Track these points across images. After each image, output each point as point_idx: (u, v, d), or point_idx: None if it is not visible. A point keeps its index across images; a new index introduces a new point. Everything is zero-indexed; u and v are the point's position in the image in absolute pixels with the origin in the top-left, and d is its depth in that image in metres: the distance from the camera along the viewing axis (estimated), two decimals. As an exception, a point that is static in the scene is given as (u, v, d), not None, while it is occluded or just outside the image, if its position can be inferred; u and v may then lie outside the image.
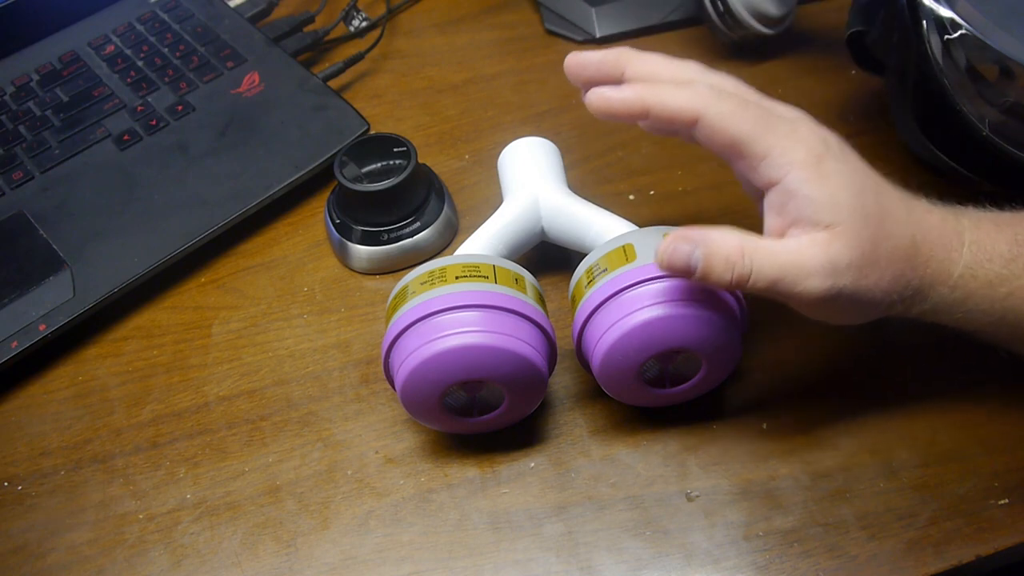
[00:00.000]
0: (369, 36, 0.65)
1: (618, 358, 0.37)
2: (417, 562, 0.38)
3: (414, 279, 0.39)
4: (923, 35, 0.44)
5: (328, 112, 0.54)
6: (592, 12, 0.61)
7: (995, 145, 0.43)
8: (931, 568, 0.36)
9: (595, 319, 0.37)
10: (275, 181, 0.51)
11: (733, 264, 0.33)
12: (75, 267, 0.48)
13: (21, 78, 0.58)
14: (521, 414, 0.40)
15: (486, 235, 0.44)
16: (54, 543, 0.40)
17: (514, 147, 0.48)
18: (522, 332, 0.37)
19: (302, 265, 0.50)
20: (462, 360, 0.36)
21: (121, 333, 0.48)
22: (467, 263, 0.38)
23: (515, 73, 0.61)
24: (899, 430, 0.40)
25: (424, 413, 0.39)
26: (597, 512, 0.39)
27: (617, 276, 0.37)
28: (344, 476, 0.41)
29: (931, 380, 0.42)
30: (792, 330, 0.44)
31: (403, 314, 0.37)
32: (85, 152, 0.53)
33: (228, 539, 0.39)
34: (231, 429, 0.43)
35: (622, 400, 0.40)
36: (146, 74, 0.58)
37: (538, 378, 0.38)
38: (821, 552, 0.37)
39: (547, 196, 0.45)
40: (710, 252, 0.33)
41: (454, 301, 0.36)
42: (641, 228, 0.40)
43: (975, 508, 0.37)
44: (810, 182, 0.33)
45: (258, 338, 0.47)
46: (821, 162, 0.33)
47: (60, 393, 0.46)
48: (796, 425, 0.41)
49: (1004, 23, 0.42)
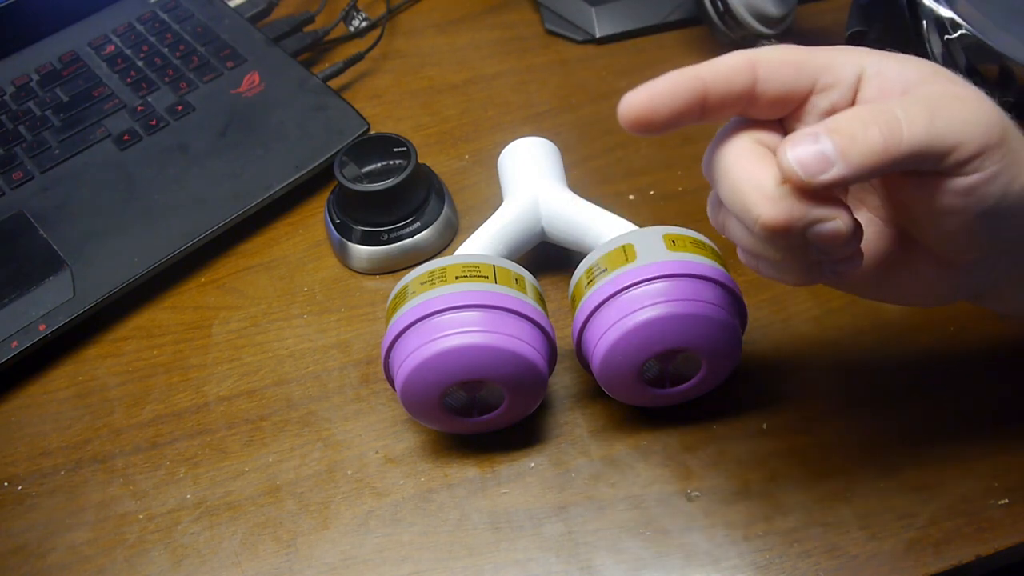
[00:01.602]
0: (369, 36, 0.65)
1: (618, 358, 0.37)
2: (417, 562, 0.38)
3: (414, 279, 0.39)
4: (923, 35, 0.44)
5: (328, 112, 0.54)
6: (592, 12, 0.62)
7: (995, 145, 0.43)
8: (931, 568, 0.36)
9: (595, 319, 0.37)
10: (275, 181, 0.51)
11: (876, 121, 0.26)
12: (75, 267, 0.48)
13: (21, 78, 0.58)
14: (521, 414, 0.40)
15: (486, 235, 0.44)
16: (54, 543, 0.40)
17: (514, 147, 0.48)
18: (522, 332, 0.37)
19: (302, 265, 0.51)
20: (462, 360, 0.36)
21: (121, 333, 0.48)
22: (467, 263, 0.38)
23: (515, 73, 0.61)
24: (899, 430, 0.40)
25: (424, 413, 0.39)
26: (597, 512, 0.39)
27: (617, 276, 0.37)
28: (344, 476, 0.41)
29: (931, 380, 0.42)
30: (792, 330, 0.44)
31: (403, 314, 0.37)
32: (85, 152, 0.53)
33: (228, 539, 0.39)
34: (231, 429, 0.43)
35: (622, 400, 0.40)
36: (146, 74, 0.58)
37: (538, 378, 0.38)
38: (821, 552, 0.37)
39: (547, 196, 0.45)
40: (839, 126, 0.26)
41: (454, 301, 0.36)
42: (641, 228, 0.40)
43: (975, 508, 0.37)
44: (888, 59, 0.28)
45: (258, 338, 0.47)
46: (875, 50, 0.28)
47: (60, 393, 0.46)
48: (796, 425, 0.41)
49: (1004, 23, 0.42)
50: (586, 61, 0.61)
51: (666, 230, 0.39)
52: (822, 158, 0.26)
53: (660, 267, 0.36)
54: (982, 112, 0.26)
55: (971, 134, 0.26)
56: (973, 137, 0.26)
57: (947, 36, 0.43)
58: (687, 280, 0.36)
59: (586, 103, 0.58)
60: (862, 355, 0.43)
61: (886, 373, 0.42)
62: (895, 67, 0.28)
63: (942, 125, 0.26)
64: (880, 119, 0.26)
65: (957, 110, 0.26)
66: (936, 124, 0.26)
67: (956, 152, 0.26)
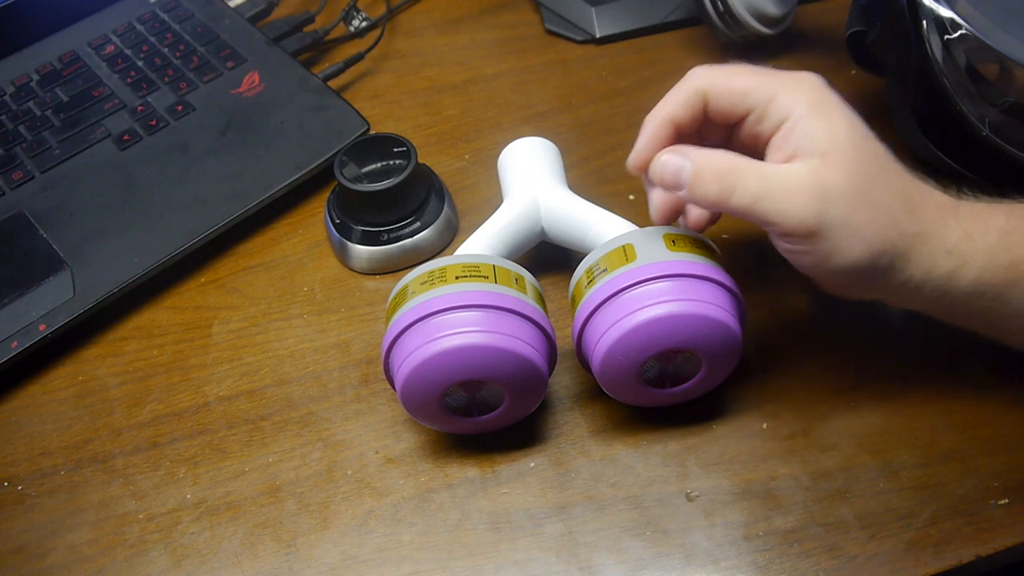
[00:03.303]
0: (369, 36, 0.65)
1: (618, 358, 0.37)
2: (417, 562, 0.38)
3: (414, 279, 0.39)
4: (923, 35, 0.44)
5: (328, 112, 0.54)
6: (592, 12, 0.62)
7: (995, 145, 0.43)
8: (931, 568, 0.36)
9: (595, 319, 0.37)
10: (275, 181, 0.51)
11: (722, 178, 0.33)
12: (75, 267, 0.48)
13: (21, 78, 0.58)
14: (521, 414, 0.40)
15: (486, 235, 0.44)
16: (54, 543, 0.40)
17: (514, 147, 0.48)
18: (522, 332, 0.37)
19: (302, 265, 0.50)
20: (462, 360, 0.36)
21: (121, 333, 0.48)
22: (467, 263, 0.38)
23: (515, 73, 0.61)
24: (899, 430, 0.40)
25: (424, 413, 0.39)
26: (597, 512, 0.39)
27: (617, 276, 0.37)
28: (344, 476, 0.41)
29: (931, 380, 0.42)
30: (792, 330, 0.44)
31: (403, 314, 0.37)
32: (85, 152, 0.53)
33: (228, 539, 0.39)
34: (231, 429, 0.43)
35: (622, 400, 0.40)
36: (146, 74, 0.58)
37: (538, 378, 0.38)
38: (821, 552, 0.37)
39: (547, 196, 0.45)
40: (700, 167, 0.34)
41: (454, 301, 0.36)
42: (641, 228, 0.40)
43: (975, 508, 0.37)
44: (811, 115, 0.34)
45: (258, 338, 0.47)
46: (825, 99, 0.34)
47: (60, 393, 0.46)
48: (796, 425, 0.41)
49: (1004, 23, 0.42)
50: (586, 61, 0.61)
51: (666, 230, 0.39)
52: (677, 176, 0.35)
53: (660, 267, 0.36)
54: (802, 207, 0.33)
55: (784, 220, 0.33)
56: (784, 222, 0.33)
57: (947, 36, 0.43)
58: (687, 280, 0.36)
59: (586, 103, 0.58)
60: (862, 355, 0.43)
61: (886, 373, 0.42)
62: (814, 127, 0.34)
63: (762, 206, 0.33)
64: (724, 179, 0.34)
65: (783, 200, 0.33)
66: (758, 204, 0.33)
67: (772, 227, 0.34)
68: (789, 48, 0.59)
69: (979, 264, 0.34)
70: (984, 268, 0.34)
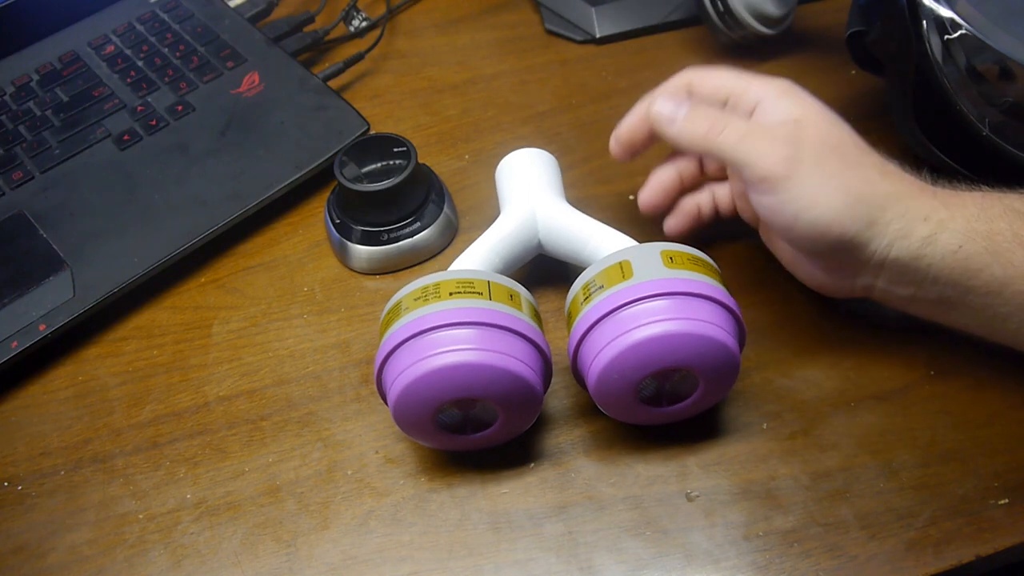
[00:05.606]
0: (369, 36, 0.65)
1: (615, 377, 0.36)
2: (417, 562, 0.38)
3: (407, 295, 0.38)
4: (923, 35, 0.44)
5: (328, 112, 0.54)
6: (592, 12, 0.62)
7: (995, 145, 0.43)
8: (931, 568, 0.36)
9: (591, 337, 0.37)
10: (275, 181, 0.51)
11: (712, 118, 0.38)
12: (75, 267, 0.48)
13: (21, 78, 0.58)
14: (516, 431, 0.40)
15: (482, 248, 0.43)
16: (54, 543, 0.40)
17: (512, 158, 0.48)
18: (516, 350, 0.36)
19: (302, 265, 0.51)
20: (455, 378, 0.35)
21: (121, 333, 0.48)
22: (461, 279, 0.38)
23: (515, 73, 0.61)
24: (899, 430, 0.40)
25: (417, 430, 0.38)
26: (597, 512, 0.39)
27: (614, 293, 0.36)
28: (344, 476, 0.41)
29: (931, 380, 0.42)
30: (792, 330, 0.44)
31: (396, 330, 0.37)
32: (85, 152, 0.53)
33: (228, 539, 0.39)
34: (231, 429, 0.43)
35: (618, 418, 0.40)
36: (146, 74, 0.58)
37: (532, 396, 0.37)
38: (821, 552, 0.37)
39: (544, 209, 0.45)
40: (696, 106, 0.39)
41: (448, 318, 0.36)
42: (639, 244, 0.40)
43: (975, 508, 0.37)
44: (782, 97, 0.38)
45: (258, 338, 0.47)
46: (795, 89, 0.39)
47: (60, 393, 0.46)
48: (796, 425, 0.41)
49: (1004, 23, 0.42)
50: (586, 61, 0.61)
51: (664, 246, 0.38)
52: (674, 111, 0.40)
53: (657, 285, 0.36)
54: (779, 147, 0.36)
55: (760, 160, 0.36)
56: (760, 162, 0.36)
57: (947, 36, 0.43)
58: (685, 298, 0.36)
59: (586, 103, 0.58)
60: (862, 355, 0.43)
61: (886, 373, 0.42)
62: (785, 103, 0.38)
63: (743, 147, 0.37)
64: (715, 121, 0.38)
65: (761, 141, 0.37)
66: (740, 145, 0.37)
67: (747, 169, 0.37)
68: (789, 48, 0.59)
69: (958, 229, 0.35)
70: (963, 235, 0.35)
